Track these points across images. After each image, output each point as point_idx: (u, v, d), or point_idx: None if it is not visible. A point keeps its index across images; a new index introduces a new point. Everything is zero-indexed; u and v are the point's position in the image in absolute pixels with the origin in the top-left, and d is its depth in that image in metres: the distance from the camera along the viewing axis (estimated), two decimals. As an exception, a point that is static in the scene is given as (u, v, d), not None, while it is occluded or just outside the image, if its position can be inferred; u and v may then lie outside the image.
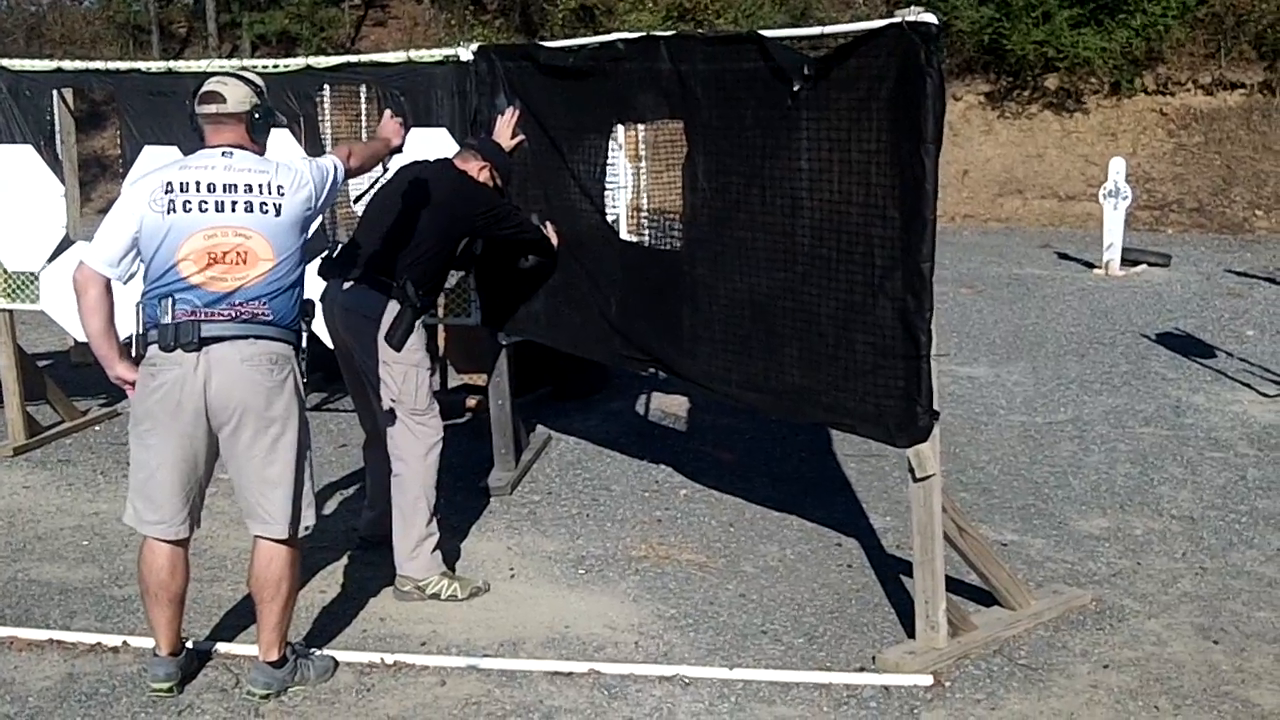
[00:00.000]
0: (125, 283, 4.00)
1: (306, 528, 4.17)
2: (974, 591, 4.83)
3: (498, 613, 4.83)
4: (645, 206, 5.68)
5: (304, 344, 4.12)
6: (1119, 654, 4.47)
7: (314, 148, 6.47)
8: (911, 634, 4.53)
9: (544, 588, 5.08)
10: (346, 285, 5.04)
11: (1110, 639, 4.59)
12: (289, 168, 4.09)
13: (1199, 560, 5.36)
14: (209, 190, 3.94)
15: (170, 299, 3.92)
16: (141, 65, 6.88)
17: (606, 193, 5.83)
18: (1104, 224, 13.25)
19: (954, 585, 4.66)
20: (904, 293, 4.24)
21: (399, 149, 5.02)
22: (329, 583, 5.13)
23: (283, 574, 4.12)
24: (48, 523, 5.85)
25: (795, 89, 4.52)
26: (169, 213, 3.92)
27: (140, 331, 3.98)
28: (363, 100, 6.62)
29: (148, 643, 4.37)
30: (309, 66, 6.44)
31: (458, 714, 4.03)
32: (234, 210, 3.94)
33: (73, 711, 4.04)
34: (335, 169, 4.26)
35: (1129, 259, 13.28)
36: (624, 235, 5.86)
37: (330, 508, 6.00)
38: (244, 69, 4.78)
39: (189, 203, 3.92)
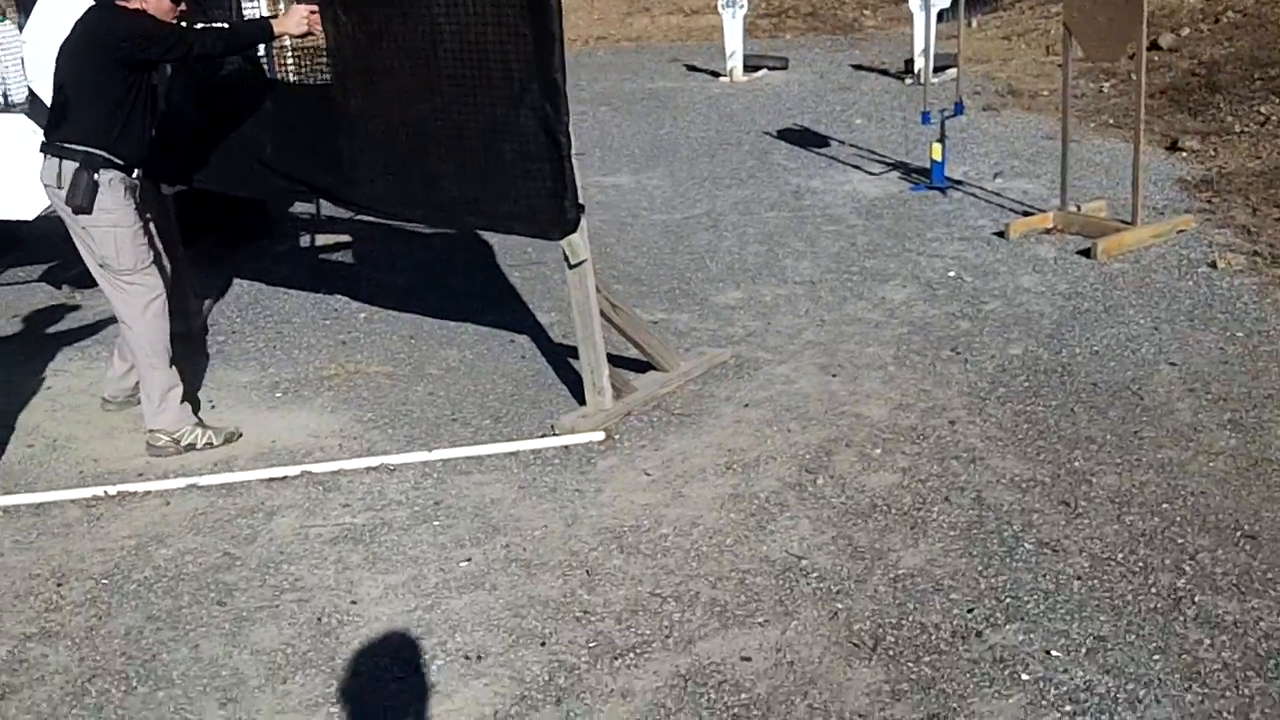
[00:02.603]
0: None
1: None
2: (631, 364, 5.52)
3: (206, 439, 5.19)
4: (290, 45, 5.91)
5: None
6: (756, 394, 5.26)
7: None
8: (583, 403, 5.18)
9: (245, 413, 5.46)
10: (41, 156, 4.98)
11: (748, 385, 5.38)
12: None
13: (819, 315, 6.23)
14: None
15: None
16: None
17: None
18: (725, 32, 14.07)
19: (615, 360, 5.32)
20: (542, 102, 4.75)
21: None
22: (34, 437, 5.34)
23: None
24: None
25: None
26: None
27: None
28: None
29: None
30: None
31: (187, 525, 4.43)
32: None
33: None
34: None
35: (750, 65, 14.17)
36: (275, 74, 6.08)
37: (19, 374, 6.11)
38: None
39: None
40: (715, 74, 14.40)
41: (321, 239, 8.30)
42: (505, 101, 4.87)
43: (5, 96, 7.15)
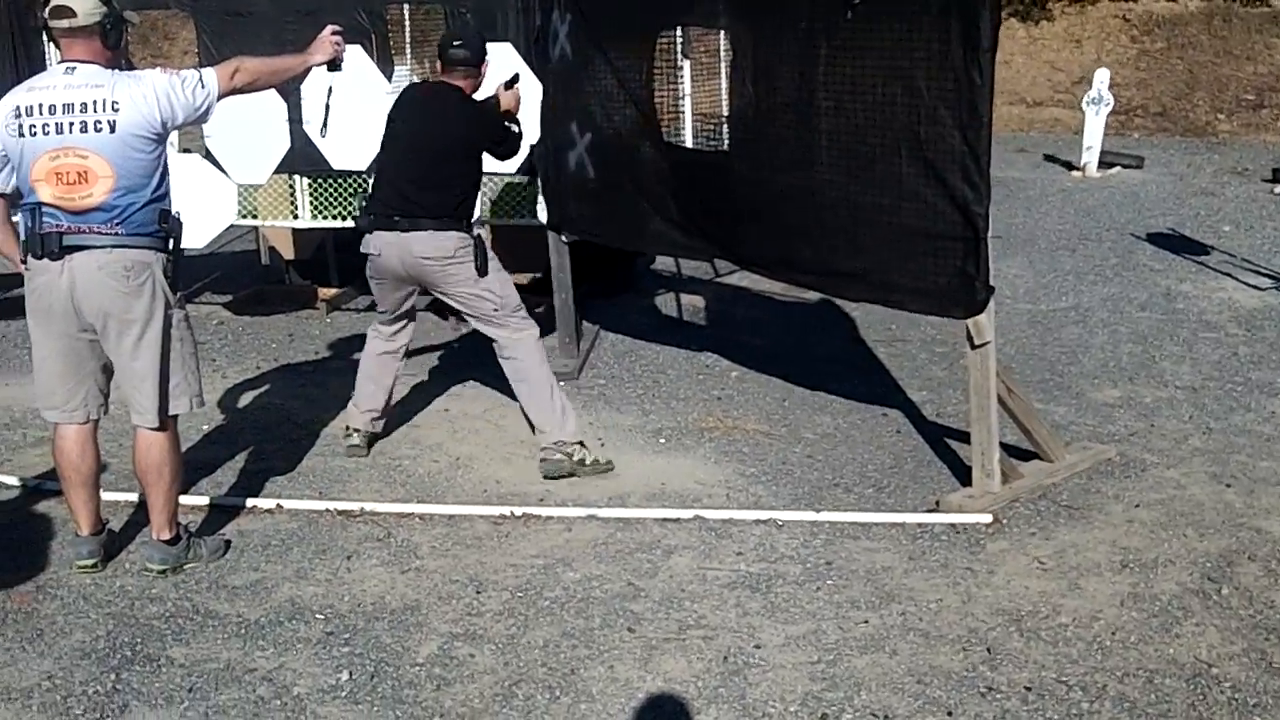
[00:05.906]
0: (10, 190, 4.33)
1: (190, 408, 4.50)
2: (1013, 450, 5.50)
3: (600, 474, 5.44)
4: (720, 113, 6.22)
5: (170, 248, 4.30)
6: (1146, 496, 5.16)
7: (384, 65, 6.99)
8: (962, 484, 5.21)
9: (632, 454, 5.70)
10: (406, 232, 5.26)
11: (1137, 485, 5.29)
12: (132, 82, 4.19)
13: (1204, 422, 6.06)
14: (49, 112, 4.12)
15: (38, 212, 4.20)
16: (215, -14, 7.26)
17: (657, 98, 6.36)
18: (1085, 128, 13.88)
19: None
20: (963, 184, 4.84)
21: (334, 65, 4.74)
22: (438, 454, 5.73)
23: (163, 459, 4.42)
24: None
25: (854, 2, 5.06)
26: (20, 136, 4.16)
27: (24, 238, 4.30)
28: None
29: (302, 504, 5.02)
30: (378, -13, 6.93)
31: (590, 553, 4.68)
32: (71, 131, 4.11)
33: (256, 558, 4.63)
34: (200, 83, 4.27)
35: (1105, 161, 13.94)
36: (688, 140, 6.38)
37: (415, 397, 6.56)
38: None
39: (34, 126, 4.13)
40: (1068, 167, 14.20)
41: (685, 299, 8.60)
42: (917, 179, 4.95)
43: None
